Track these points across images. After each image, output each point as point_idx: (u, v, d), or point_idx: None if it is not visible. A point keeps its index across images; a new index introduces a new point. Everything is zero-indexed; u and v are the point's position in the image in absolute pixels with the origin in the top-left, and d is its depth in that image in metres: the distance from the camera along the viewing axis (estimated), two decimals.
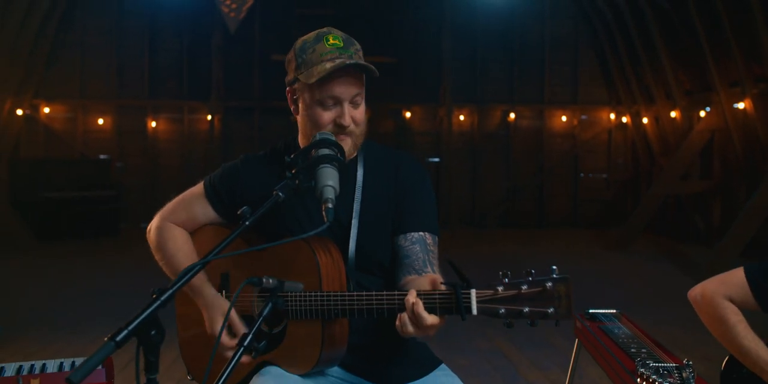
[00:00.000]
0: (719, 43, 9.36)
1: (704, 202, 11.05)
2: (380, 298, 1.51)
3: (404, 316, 1.45)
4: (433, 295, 1.44)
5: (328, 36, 1.75)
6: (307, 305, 1.57)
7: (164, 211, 1.93)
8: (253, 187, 1.83)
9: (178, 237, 1.87)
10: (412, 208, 1.78)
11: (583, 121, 13.62)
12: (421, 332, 1.45)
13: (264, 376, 1.62)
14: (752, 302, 2.02)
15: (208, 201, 1.88)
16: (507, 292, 1.40)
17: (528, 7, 13.13)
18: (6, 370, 1.92)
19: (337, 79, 1.70)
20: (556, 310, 1.38)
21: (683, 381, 1.79)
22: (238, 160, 1.91)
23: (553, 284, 1.38)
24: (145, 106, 12.81)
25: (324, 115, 1.72)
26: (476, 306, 1.39)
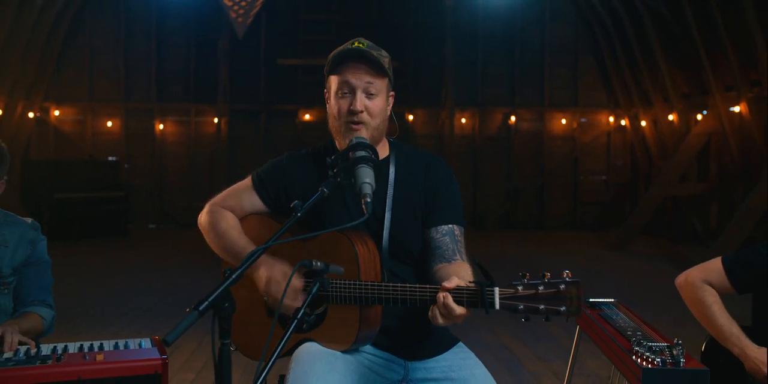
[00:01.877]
0: (715, 48, 9.60)
1: (701, 204, 11.29)
2: (414, 290, 1.74)
3: (435, 308, 1.67)
4: (461, 290, 1.66)
5: (356, 41, 1.96)
6: (348, 292, 1.80)
7: (215, 199, 2.14)
8: (296, 181, 2.05)
9: (229, 218, 2.08)
10: (442, 203, 2.00)
11: (583, 124, 13.86)
12: (449, 322, 1.67)
13: (307, 349, 1.85)
14: (728, 286, 2.29)
15: (255, 192, 2.09)
16: (526, 292, 1.62)
17: (528, 12, 13.39)
18: (69, 347, 2.14)
19: (350, 67, 1.92)
20: (568, 308, 1.60)
21: (674, 357, 2.02)
22: (283, 157, 2.13)
23: (566, 286, 1.61)
24: (153, 109, 13.06)
25: (340, 102, 1.94)
26: (499, 302, 1.62)
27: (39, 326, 2.34)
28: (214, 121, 12.76)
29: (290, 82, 13.14)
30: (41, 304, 2.39)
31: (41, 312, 2.37)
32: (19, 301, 2.37)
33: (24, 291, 2.37)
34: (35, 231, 2.41)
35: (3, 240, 2.32)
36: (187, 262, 9.31)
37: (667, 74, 11.05)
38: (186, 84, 13.14)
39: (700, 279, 2.35)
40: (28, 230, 2.39)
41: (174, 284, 7.75)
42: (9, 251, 2.31)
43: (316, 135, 13.41)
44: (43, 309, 2.39)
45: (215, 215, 2.08)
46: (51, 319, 2.41)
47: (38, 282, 2.41)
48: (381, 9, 13.38)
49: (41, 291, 2.41)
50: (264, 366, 1.47)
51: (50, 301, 2.44)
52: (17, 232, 2.36)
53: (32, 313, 2.34)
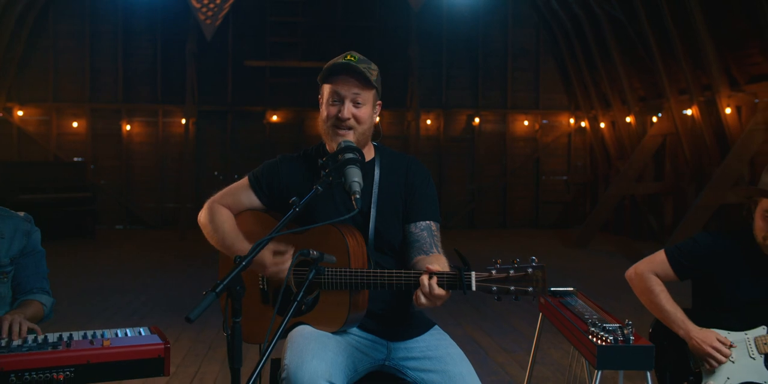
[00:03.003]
0: (669, 53, 10.02)
1: (657, 203, 11.74)
2: (399, 275, 1.96)
3: (419, 291, 1.89)
4: (442, 274, 1.89)
5: (346, 54, 2.18)
6: (340, 279, 2.01)
7: (214, 197, 2.34)
8: (289, 181, 2.26)
9: (224, 214, 2.28)
10: (420, 201, 2.23)
11: (544, 126, 14.23)
12: (431, 303, 1.90)
13: (301, 331, 2.05)
14: (671, 274, 2.57)
15: (252, 190, 2.29)
16: (498, 275, 1.86)
17: (492, 16, 13.74)
18: (74, 336, 2.30)
19: (340, 79, 2.14)
20: (535, 289, 1.85)
21: (624, 336, 2.28)
22: (277, 159, 2.34)
23: (533, 270, 1.85)
24: (120, 110, 13.04)
25: (330, 109, 2.16)
26: (475, 284, 1.85)
27: (40, 312, 2.50)
28: (182, 121, 12.80)
29: (257, 83, 13.25)
30: (40, 292, 2.55)
31: (41, 299, 2.52)
32: (18, 290, 2.52)
33: (23, 280, 2.52)
34: (29, 223, 2.57)
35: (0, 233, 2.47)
36: (156, 263, 9.38)
37: (625, 78, 11.47)
38: (153, 85, 13.15)
39: (647, 270, 2.61)
40: (22, 222, 2.55)
41: (145, 284, 7.84)
42: (6, 242, 2.47)
43: (283, 136, 13.57)
44: (43, 296, 2.54)
45: (212, 211, 2.27)
46: (50, 305, 2.56)
47: (35, 270, 2.56)
48: (347, 12, 13.58)
49: (38, 279, 2.57)
50: (268, 345, 1.66)
51: (47, 288, 2.60)
52: (12, 224, 2.51)
53: (33, 301, 2.49)
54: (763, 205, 2.43)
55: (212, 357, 4.92)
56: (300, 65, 13.23)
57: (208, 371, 4.58)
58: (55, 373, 2.06)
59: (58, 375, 2.06)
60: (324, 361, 1.94)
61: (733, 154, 8.81)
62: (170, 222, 13.08)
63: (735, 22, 8.83)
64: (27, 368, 2.04)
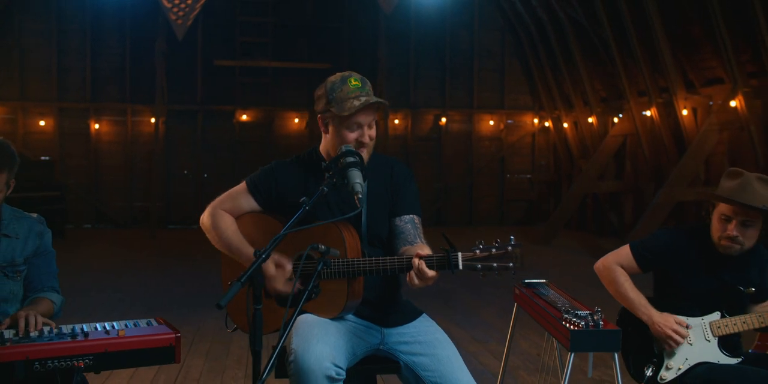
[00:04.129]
0: (629, 56, 10.42)
1: (618, 200, 12.16)
2: (392, 260, 2.17)
3: (412, 273, 2.11)
4: (431, 257, 2.11)
5: (350, 79, 2.38)
6: (338, 268, 2.21)
7: (215, 202, 2.52)
8: (285, 184, 2.45)
9: (227, 219, 2.47)
10: (404, 197, 2.46)
11: (509, 126, 14.57)
12: (423, 283, 2.11)
13: (304, 319, 2.24)
14: (635, 267, 2.84)
15: (251, 194, 2.48)
16: (482, 254, 2.09)
17: (458, 18, 14.03)
18: (86, 327, 2.44)
19: (361, 111, 2.36)
20: (514, 264, 2.07)
21: (594, 321, 2.52)
22: (272, 165, 2.53)
23: (512, 248, 2.08)
24: (88, 109, 12.99)
25: (350, 135, 2.37)
26: (462, 263, 2.08)
27: (51, 310, 2.63)
28: (151, 121, 12.81)
29: (227, 82, 13.32)
30: (50, 290, 2.68)
31: (52, 297, 2.65)
32: (30, 288, 2.65)
33: (34, 279, 2.65)
34: (41, 224, 2.71)
35: (15, 233, 2.60)
36: (129, 262, 9.44)
37: (587, 80, 11.86)
38: (122, 84, 13.12)
39: (613, 262, 2.87)
40: (36, 224, 2.68)
41: (121, 283, 7.91)
42: (20, 242, 2.60)
43: (253, 135, 13.65)
44: (53, 294, 2.68)
45: (215, 217, 2.46)
46: (60, 303, 2.70)
47: (46, 270, 2.69)
48: (316, 12, 13.72)
49: (49, 278, 2.70)
50: (283, 330, 1.85)
51: (57, 287, 2.73)
52: (26, 225, 2.65)
53: (44, 299, 2.62)
54: (720, 208, 2.70)
55: (195, 351, 5.06)
56: (270, 65, 13.34)
57: (192, 365, 4.73)
58: (76, 360, 2.22)
59: (79, 362, 2.22)
60: (328, 344, 2.14)
61: (689, 154, 9.23)
62: (140, 221, 13.08)
63: (691, 28, 9.25)
64: (50, 357, 2.19)
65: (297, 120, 13.79)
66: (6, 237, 2.58)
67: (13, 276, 2.57)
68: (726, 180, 2.71)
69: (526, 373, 4.60)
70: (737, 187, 2.64)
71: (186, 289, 7.60)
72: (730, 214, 2.66)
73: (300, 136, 13.78)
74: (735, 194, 2.63)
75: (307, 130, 13.75)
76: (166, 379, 4.42)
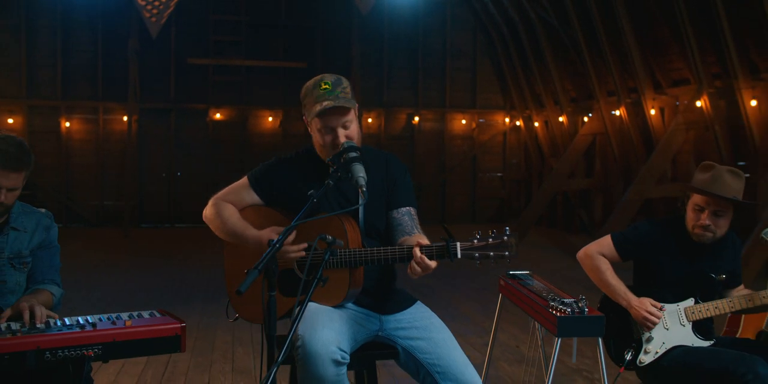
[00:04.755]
0: (599, 57, 10.67)
1: (587, 198, 12.43)
2: (393, 250, 2.28)
3: (413, 262, 2.22)
4: (431, 247, 2.23)
5: (321, 82, 2.47)
6: (343, 258, 2.31)
7: (217, 195, 2.61)
8: (286, 178, 2.55)
9: (230, 208, 2.56)
10: (400, 190, 2.56)
11: (481, 125, 14.77)
12: (424, 272, 2.22)
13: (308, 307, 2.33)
14: (616, 256, 2.99)
15: (252, 189, 2.58)
16: (480, 243, 2.21)
17: (431, 18, 14.19)
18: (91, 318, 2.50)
19: (328, 114, 2.44)
20: (510, 253, 2.20)
21: (579, 308, 2.67)
22: (273, 160, 2.63)
23: (507, 238, 2.21)
24: (59, 107, 12.86)
25: (325, 137, 2.47)
26: (460, 252, 2.20)
27: (50, 302, 2.68)
28: (124, 119, 12.73)
29: (200, 81, 13.29)
30: (51, 283, 2.75)
31: (52, 289, 2.72)
32: (32, 280, 2.71)
33: (37, 271, 2.72)
34: (49, 219, 2.78)
35: (23, 226, 2.68)
36: (103, 261, 9.40)
37: (558, 80, 12.10)
38: (93, 81, 13.00)
39: (595, 251, 3.03)
40: (43, 218, 2.76)
41: (98, 281, 7.89)
42: (27, 236, 2.68)
43: (227, 133, 13.64)
44: (53, 287, 2.74)
45: (219, 207, 2.55)
46: (60, 296, 2.76)
47: (49, 263, 2.76)
48: (289, 11, 13.75)
49: (52, 271, 2.77)
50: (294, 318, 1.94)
51: (58, 281, 2.80)
52: (34, 219, 2.72)
53: (44, 290, 2.68)
54: (694, 199, 2.87)
55: None
56: (243, 64, 13.35)
57: (179, 359, 4.78)
58: (85, 350, 2.28)
59: (88, 352, 2.29)
60: (333, 330, 2.24)
61: (657, 153, 9.50)
62: (111, 220, 12.97)
63: (659, 31, 9.52)
64: (60, 346, 2.25)
65: (271, 118, 13.82)
66: (14, 230, 2.66)
67: (19, 267, 2.64)
68: (699, 173, 2.88)
69: (506, 364, 4.75)
70: (709, 179, 2.81)
71: (164, 286, 7.63)
72: (703, 205, 2.83)
73: (274, 134, 13.81)
74: (707, 186, 2.80)
75: (280, 129, 13.79)
76: (153, 374, 4.48)
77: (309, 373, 2.17)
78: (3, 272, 2.61)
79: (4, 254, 2.62)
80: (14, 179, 2.54)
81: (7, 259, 2.62)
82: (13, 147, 2.54)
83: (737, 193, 2.81)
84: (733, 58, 8.10)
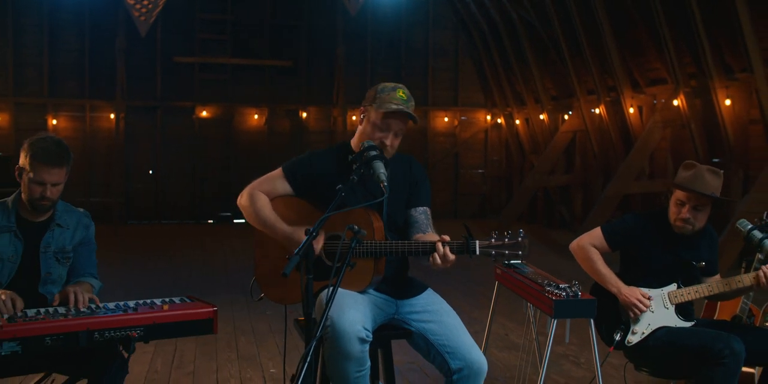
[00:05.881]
0: (579, 57, 11.00)
1: (567, 194, 12.77)
2: (417, 244, 2.54)
3: (435, 255, 2.47)
4: (452, 243, 2.48)
5: (400, 90, 2.73)
6: (370, 248, 2.54)
7: (252, 184, 2.83)
8: (319, 172, 2.77)
9: (263, 198, 2.78)
10: (420, 191, 2.83)
11: (463, 122, 15.06)
12: (444, 265, 2.48)
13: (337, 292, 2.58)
14: (606, 246, 3.26)
15: (286, 179, 2.80)
16: (496, 242, 2.47)
17: (413, 17, 14.45)
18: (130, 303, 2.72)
19: (395, 117, 2.69)
20: (523, 253, 2.46)
21: (573, 292, 2.93)
22: (307, 154, 2.86)
23: (522, 239, 2.48)
24: (46, 104, 12.91)
25: (376, 134, 2.71)
26: (479, 249, 2.45)
27: (90, 292, 2.91)
28: (111, 116, 12.82)
29: (187, 79, 13.42)
30: (91, 276, 2.97)
31: (92, 282, 2.95)
32: (73, 274, 2.94)
33: (78, 265, 2.95)
34: (87, 218, 3.01)
35: (66, 223, 2.91)
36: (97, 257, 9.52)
37: (538, 78, 12.41)
38: (80, 79, 13.07)
39: (587, 242, 3.30)
40: (83, 217, 2.98)
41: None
42: (70, 232, 2.91)
43: (213, 131, 13.78)
44: (93, 280, 2.97)
45: (254, 197, 2.77)
46: (98, 288, 2.99)
47: (88, 259, 2.99)
48: (275, 10, 13.92)
49: (91, 266, 3.00)
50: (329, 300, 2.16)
51: (96, 275, 3.02)
52: (75, 217, 2.95)
53: (85, 282, 2.92)
54: (677, 195, 3.15)
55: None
56: (229, 62, 13.51)
57: (185, 349, 4.99)
58: (130, 331, 2.51)
59: (132, 333, 2.51)
60: (358, 311, 2.48)
61: (635, 150, 9.84)
62: (99, 217, 12.75)
63: (637, 32, 9.86)
64: (108, 327, 2.47)
65: (256, 116, 13.99)
66: (59, 227, 2.88)
67: (63, 261, 2.86)
68: (682, 171, 3.16)
69: (496, 350, 5.03)
70: (691, 177, 3.10)
71: (160, 282, 7.78)
72: (685, 200, 3.12)
73: (259, 132, 13.98)
74: (689, 183, 3.09)
75: (266, 127, 13.96)
76: (163, 362, 4.68)
77: (337, 350, 2.41)
78: (49, 265, 2.84)
79: (51, 248, 2.84)
80: (56, 174, 2.76)
81: (53, 253, 2.85)
82: (53, 145, 2.77)
83: (716, 190, 3.10)
84: (708, 59, 8.45)
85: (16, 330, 2.33)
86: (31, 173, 2.74)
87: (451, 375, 2.59)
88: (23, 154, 2.78)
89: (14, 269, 2.77)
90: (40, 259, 2.82)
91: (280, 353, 4.91)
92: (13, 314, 2.47)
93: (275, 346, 5.11)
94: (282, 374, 4.38)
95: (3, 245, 2.77)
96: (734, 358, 2.85)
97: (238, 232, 12.35)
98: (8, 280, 2.76)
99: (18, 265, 2.78)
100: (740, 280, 3.10)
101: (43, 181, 2.74)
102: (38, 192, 2.75)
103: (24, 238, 2.81)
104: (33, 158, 2.74)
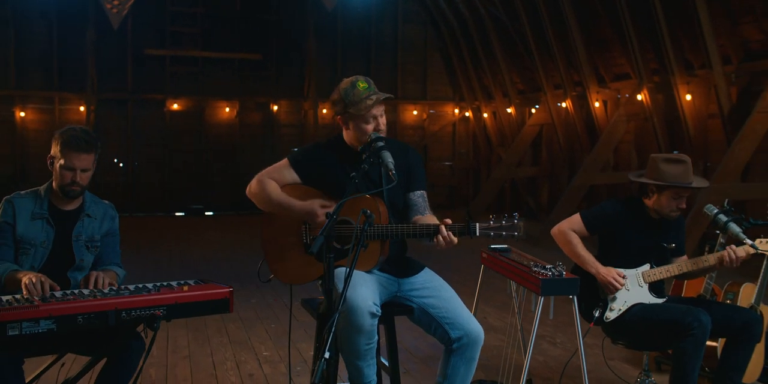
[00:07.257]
0: (546, 52, 11.33)
1: (534, 185, 13.15)
2: (421, 227, 2.75)
3: (439, 237, 2.69)
4: (454, 225, 2.71)
5: (358, 82, 2.92)
6: (378, 231, 2.75)
7: (261, 173, 3.02)
8: (324, 162, 2.98)
9: (273, 184, 2.98)
10: (417, 176, 3.04)
11: (431, 115, 15.34)
12: (447, 246, 2.70)
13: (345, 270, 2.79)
14: (584, 231, 3.53)
15: (293, 168, 3.00)
16: (494, 224, 2.70)
17: (383, 12, 14.66)
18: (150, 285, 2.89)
19: (374, 107, 2.90)
20: (519, 234, 2.70)
21: (558, 272, 3.20)
22: (310, 146, 3.07)
23: (518, 221, 2.71)
24: (12, 96, 12.78)
25: (368, 127, 2.91)
26: (479, 231, 2.68)
27: (115, 279, 3.07)
28: (81, 109, 12.76)
29: (158, 72, 13.41)
30: (115, 265, 3.13)
31: (117, 270, 3.11)
32: (99, 262, 3.10)
33: (104, 254, 3.11)
34: (113, 210, 3.17)
35: (94, 214, 3.07)
36: None
37: (506, 73, 12.73)
38: (49, 71, 12.97)
39: (567, 227, 3.56)
40: (110, 209, 3.15)
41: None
42: (97, 223, 3.08)
43: (184, 123, 13.80)
44: (118, 269, 3.13)
45: (264, 183, 2.97)
46: (123, 276, 3.15)
47: (113, 248, 3.15)
48: (246, 4, 13.98)
49: (116, 256, 3.16)
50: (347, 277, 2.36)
51: (121, 264, 3.18)
52: (102, 209, 3.11)
53: (110, 270, 3.08)
54: (674, 190, 3.39)
55: (175, 324, 5.41)
56: (200, 55, 13.54)
57: (177, 335, 5.15)
58: (154, 310, 2.69)
59: (156, 312, 2.69)
60: (369, 288, 2.71)
61: (601, 143, 10.22)
62: None
63: (602, 29, 10.22)
64: (134, 307, 2.64)
65: (228, 109, 14.05)
66: (88, 217, 3.04)
67: (92, 250, 3.03)
68: (669, 165, 3.40)
69: None
70: (683, 173, 3.37)
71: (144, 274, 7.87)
72: (683, 193, 3.41)
73: (231, 125, 14.05)
74: (685, 179, 3.35)
75: (237, 119, 14.03)
76: (158, 347, 4.82)
77: (350, 323, 2.63)
78: (81, 253, 3.01)
79: (82, 237, 3.01)
80: (85, 160, 2.92)
81: (83, 242, 3.01)
82: (81, 133, 2.93)
83: (703, 181, 3.45)
84: (670, 56, 8.83)
85: (51, 309, 2.49)
86: (61, 160, 2.91)
87: (451, 344, 2.83)
88: (54, 143, 2.95)
89: (46, 254, 2.93)
90: (73, 246, 2.98)
91: (270, 338, 5.11)
92: (45, 295, 2.63)
93: (264, 332, 5.29)
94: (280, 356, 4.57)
95: (36, 231, 2.92)
96: (702, 330, 3.15)
97: (211, 223, 12.44)
98: (40, 265, 2.91)
99: (49, 251, 2.94)
100: (706, 260, 3.40)
101: (73, 167, 2.90)
102: (69, 177, 2.91)
103: (55, 225, 2.96)
104: (63, 146, 2.90)
